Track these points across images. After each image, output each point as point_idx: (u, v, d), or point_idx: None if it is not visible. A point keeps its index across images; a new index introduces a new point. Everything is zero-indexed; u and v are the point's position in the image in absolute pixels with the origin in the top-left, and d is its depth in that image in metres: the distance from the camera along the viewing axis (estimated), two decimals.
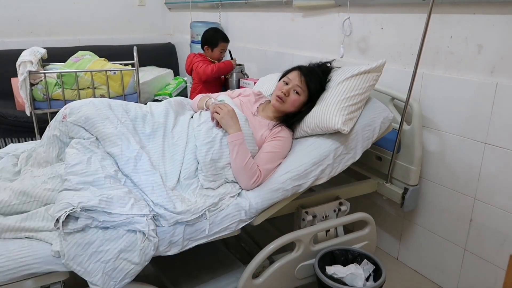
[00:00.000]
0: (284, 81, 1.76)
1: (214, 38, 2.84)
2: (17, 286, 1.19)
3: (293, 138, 1.81)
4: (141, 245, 1.29)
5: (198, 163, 1.58)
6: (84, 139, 1.54)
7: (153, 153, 1.59)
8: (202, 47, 2.89)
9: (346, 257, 1.80)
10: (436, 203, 1.90)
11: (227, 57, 3.00)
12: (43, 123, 2.64)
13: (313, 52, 2.53)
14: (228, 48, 2.95)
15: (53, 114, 1.95)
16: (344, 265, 1.73)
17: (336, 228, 1.92)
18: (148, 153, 1.57)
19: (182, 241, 1.40)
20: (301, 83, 1.73)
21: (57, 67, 2.96)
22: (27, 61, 2.62)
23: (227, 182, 1.60)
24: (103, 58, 3.11)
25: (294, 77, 1.75)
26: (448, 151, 1.82)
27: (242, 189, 1.60)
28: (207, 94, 1.89)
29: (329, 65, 1.86)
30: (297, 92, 1.73)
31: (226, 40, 2.88)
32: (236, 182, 1.61)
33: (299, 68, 1.78)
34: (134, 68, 2.92)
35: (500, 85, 1.59)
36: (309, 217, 1.78)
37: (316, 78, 1.77)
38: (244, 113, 1.72)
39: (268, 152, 1.65)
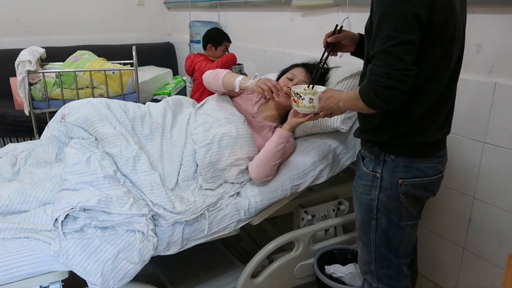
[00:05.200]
0: (287, 77, 1.74)
1: (218, 37, 2.84)
2: (16, 286, 1.19)
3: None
4: (140, 245, 1.28)
5: (197, 165, 1.58)
6: (83, 139, 1.54)
7: (152, 153, 1.59)
8: (205, 46, 2.89)
9: (345, 256, 1.80)
10: (435, 202, 1.90)
11: None
12: (42, 122, 2.64)
13: (312, 52, 2.53)
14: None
15: (52, 113, 1.95)
16: (343, 265, 1.73)
17: (335, 228, 1.92)
18: (147, 153, 1.56)
19: (181, 240, 1.40)
20: (307, 78, 1.72)
21: (55, 67, 2.95)
22: (26, 60, 2.62)
23: (226, 182, 1.60)
24: (102, 58, 3.10)
25: (299, 72, 1.74)
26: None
27: (242, 189, 1.59)
28: (228, 70, 1.75)
29: (325, 65, 1.85)
30: None
31: (229, 40, 2.88)
32: (235, 183, 1.60)
33: (303, 65, 1.78)
34: (133, 68, 2.91)
35: (499, 84, 1.59)
36: (308, 217, 1.78)
37: (319, 75, 1.76)
38: (242, 113, 1.71)
39: None
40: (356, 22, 2.18)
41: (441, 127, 1.23)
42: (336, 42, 1.44)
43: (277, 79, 1.82)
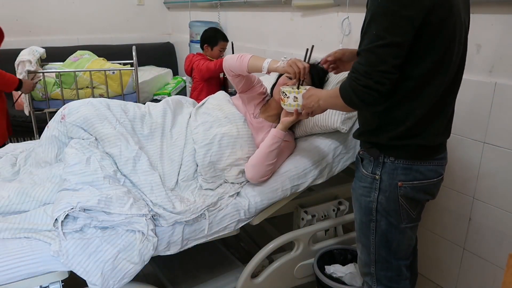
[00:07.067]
0: (287, 76, 1.74)
1: (214, 37, 2.85)
2: (16, 286, 1.19)
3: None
4: (140, 245, 1.28)
5: (197, 165, 1.58)
6: (83, 139, 1.54)
7: (152, 153, 1.59)
8: (202, 46, 2.89)
9: (345, 256, 1.80)
10: (435, 202, 1.90)
11: (228, 52, 2.99)
12: (42, 122, 2.64)
13: (312, 52, 2.53)
14: (228, 46, 2.95)
15: (52, 113, 1.95)
16: (343, 265, 1.73)
17: (335, 228, 1.92)
18: (147, 153, 1.56)
19: (181, 240, 1.40)
20: (307, 78, 1.71)
21: (55, 67, 2.95)
22: (26, 60, 2.62)
23: (226, 182, 1.60)
24: (102, 58, 3.11)
25: None
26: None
27: (242, 189, 1.59)
28: (253, 54, 1.65)
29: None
30: None
31: (225, 39, 2.89)
32: (235, 183, 1.60)
33: None
34: (133, 68, 2.92)
35: (499, 84, 1.59)
36: (308, 217, 1.78)
37: (319, 73, 1.76)
38: (242, 113, 1.71)
39: None
40: (356, 22, 2.18)
41: (442, 131, 1.23)
42: (336, 61, 1.46)
43: (277, 79, 1.82)
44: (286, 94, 1.44)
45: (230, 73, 1.70)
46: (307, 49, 1.50)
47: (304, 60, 1.48)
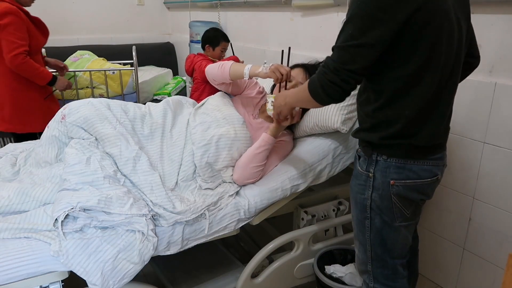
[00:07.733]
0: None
1: (216, 37, 2.85)
2: (16, 285, 1.19)
3: (293, 138, 1.81)
4: (140, 245, 1.28)
5: (196, 166, 1.58)
6: (83, 139, 1.54)
7: (152, 153, 1.59)
8: (203, 47, 2.89)
9: (345, 256, 1.80)
10: (435, 202, 1.90)
11: (228, 53, 2.99)
12: None
13: (312, 52, 2.53)
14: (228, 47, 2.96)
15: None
16: (343, 265, 1.74)
17: (335, 228, 1.92)
18: (147, 153, 1.56)
19: (181, 240, 1.40)
20: (305, 79, 1.72)
21: None
22: None
23: (225, 182, 1.60)
24: (102, 58, 3.11)
25: (298, 73, 1.74)
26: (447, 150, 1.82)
27: (241, 188, 1.59)
28: (233, 61, 1.72)
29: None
30: None
31: (227, 39, 2.89)
32: (233, 182, 1.60)
33: (302, 65, 1.78)
34: (133, 68, 2.92)
35: (499, 84, 1.59)
36: (308, 217, 1.78)
37: None
38: (241, 114, 1.71)
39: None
40: None
41: (439, 132, 1.22)
42: None
43: None
44: (267, 100, 1.51)
45: (214, 82, 1.77)
46: (283, 51, 1.51)
47: (282, 63, 1.50)
